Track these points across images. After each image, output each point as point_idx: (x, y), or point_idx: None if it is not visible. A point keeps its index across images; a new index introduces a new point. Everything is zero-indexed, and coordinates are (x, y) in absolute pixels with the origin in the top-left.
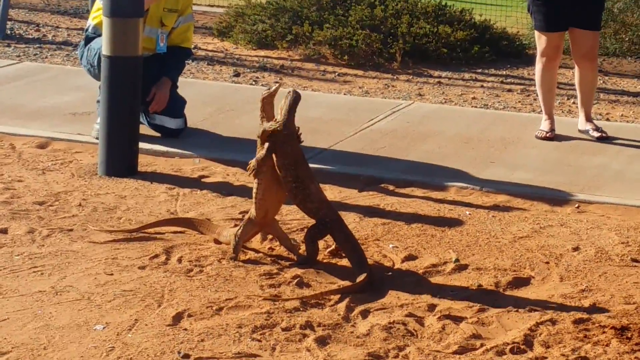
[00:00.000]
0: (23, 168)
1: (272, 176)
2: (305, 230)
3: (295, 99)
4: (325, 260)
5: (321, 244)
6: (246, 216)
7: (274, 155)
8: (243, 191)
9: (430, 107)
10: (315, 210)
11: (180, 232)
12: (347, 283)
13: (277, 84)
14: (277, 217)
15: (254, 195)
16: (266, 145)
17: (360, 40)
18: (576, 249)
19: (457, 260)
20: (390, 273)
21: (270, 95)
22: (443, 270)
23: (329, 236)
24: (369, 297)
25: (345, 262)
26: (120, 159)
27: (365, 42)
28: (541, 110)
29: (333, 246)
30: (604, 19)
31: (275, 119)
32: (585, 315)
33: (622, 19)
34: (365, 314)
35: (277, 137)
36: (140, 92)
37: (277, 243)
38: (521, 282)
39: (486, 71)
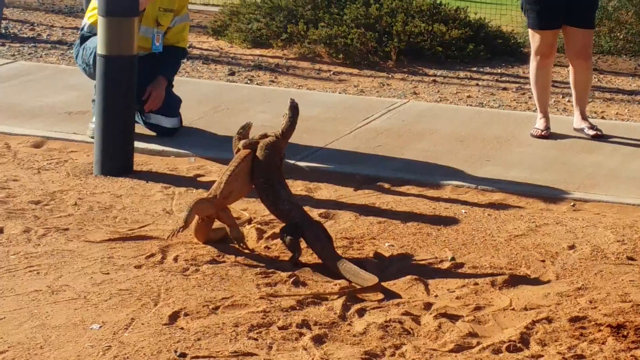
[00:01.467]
0: (18, 167)
1: (246, 170)
2: (280, 233)
3: (296, 115)
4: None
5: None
6: (206, 194)
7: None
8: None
9: (426, 105)
10: (286, 212)
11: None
12: (343, 282)
13: (249, 123)
14: None
15: (224, 176)
16: (261, 145)
17: (355, 38)
18: (572, 247)
19: (453, 258)
20: (385, 271)
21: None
22: (439, 269)
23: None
24: (365, 296)
25: None
26: (116, 158)
27: (360, 41)
28: (536, 109)
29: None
30: (599, 17)
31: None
32: (581, 314)
33: (617, 17)
34: (361, 312)
35: (286, 135)
36: (135, 91)
37: (274, 242)
38: (517, 280)
39: (481, 69)
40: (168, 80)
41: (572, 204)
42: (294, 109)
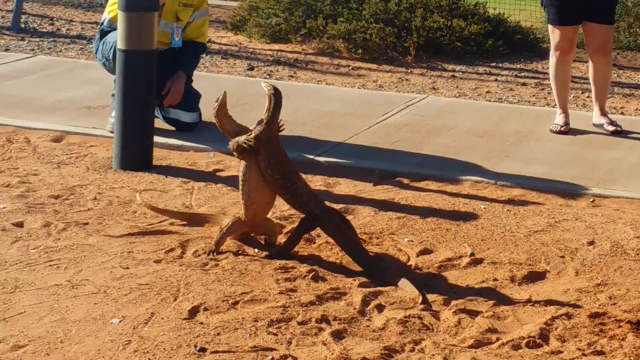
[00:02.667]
0: (38, 162)
1: (257, 178)
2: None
3: (279, 99)
4: (339, 254)
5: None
6: (237, 214)
7: (258, 157)
8: None
9: (445, 100)
10: (305, 203)
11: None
12: (362, 278)
13: (224, 92)
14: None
15: (241, 197)
16: (251, 140)
17: (374, 34)
18: (591, 243)
19: (472, 254)
20: (405, 267)
21: (221, 107)
22: (458, 265)
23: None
24: (385, 291)
25: None
26: (135, 153)
27: (379, 36)
28: (555, 104)
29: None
30: (618, 13)
31: (261, 122)
32: (601, 310)
33: (636, 12)
34: (380, 308)
35: (261, 139)
36: (155, 86)
37: None
38: (536, 276)
39: (500, 65)
40: (187, 75)
41: (591, 199)
42: (275, 95)
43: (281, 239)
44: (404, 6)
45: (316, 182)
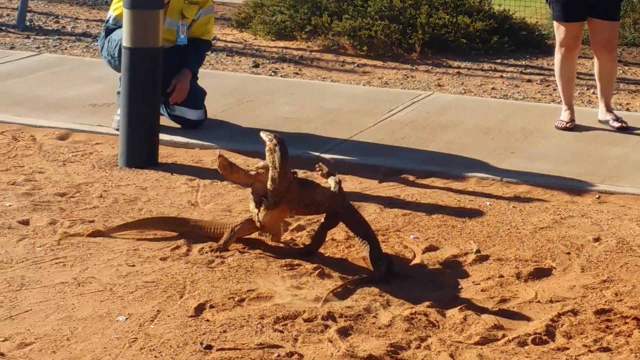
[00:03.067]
0: (44, 159)
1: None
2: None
3: (284, 148)
4: (344, 252)
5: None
6: (248, 215)
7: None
8: None
9: (450, 97)
10: (326, 208)
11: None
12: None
13: (218, 154)
14: None
15: (257, 217)
16: (272, 200)
17: (380, 30)
18: (597, 239)
19: (478, 251)
20: (411, 264)
21: (224, 168)
22: (464, 261)
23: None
24: (391, 288)
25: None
26: (141, 151)
27: (385, 33)
28: (561, 101)
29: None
30: (623, 9)
31: (272, 177)
32: (607, 306)
33: None
34: (386, 304)
35: (280, 193)
36: (160, 84)
37: (299, 234)
38: (542, 272)
39: (505, 61)
40: (193, 72)
41: (597, 196)
42: (280, 145)
43: (287, 236)
44: (409, 3)
45: (321, 179)
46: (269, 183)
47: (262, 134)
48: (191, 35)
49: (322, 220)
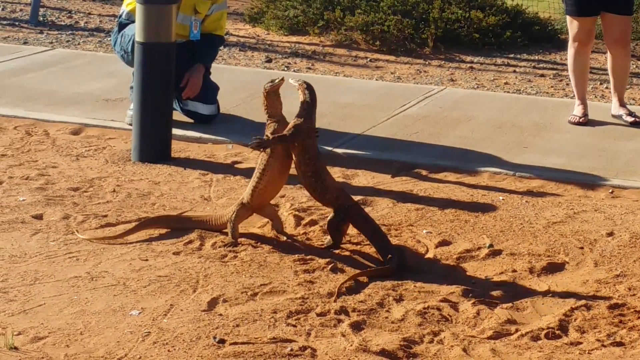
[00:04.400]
0: (57, 154)
1: (279, 172)
2: (327, 219)
3: (313, 93)
4: (357, 247)
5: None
6: (238, 201)
7: (293, 149)
8: None
9: (463, 92)
10: (334, 199)
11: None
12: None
13: (281, 78)
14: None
15: (254, 183)
16: (291, 130)
17: (392, 25)
18: (610, 234)
19: (491, 245)
20: (424, 258)
21: (275, 89)
22: (477, 256)
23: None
24: (404, 283)
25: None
26: (154, 145)
27: (397, 28)
28: (574, 95)
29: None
30: (637, 3)
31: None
32: (620, 301)
33: None
34: (399, 299)
35: (301, 130)
36: (173, 79)
37: (312, 229)
38: (555, 267)
39: (518, 56)
40: (206, 67)
41: (610, 190)
42: (308, 89)
43: (300, 230)
44: None
45: (335, 173)
46: (293, 122)
47: (291, 80)
48: (204, 30)
49: (330, 219)
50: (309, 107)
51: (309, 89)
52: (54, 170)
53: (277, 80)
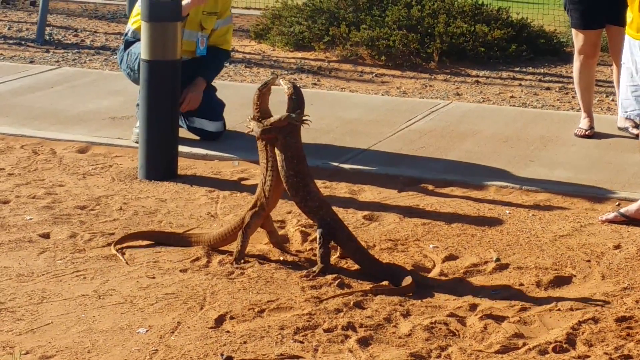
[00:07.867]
0: (64, 173)
1: (278, 175)
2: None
3: (299, 94)
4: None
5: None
6: (248, 212)
7: (276, 149)
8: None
9: (469, 106)
10: (316, 209)
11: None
12: (385, 284)
13: (274, 75)
14: None
15: (264, 189)
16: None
17: (398, 40)
18: (617, 247)
19: (497, 259)
20: (430, 273)
21: (269, 88)
22: (484, 270)
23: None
24: (410, 298)
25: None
26: (160, 163)
27: (403, 43)
28: (580, 108)
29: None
30: None
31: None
32: (627, 314)
33: None
34: (406, 314)
35: (284, 128)
36: (179, 96)
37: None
38: (563, 280)
39: (524, 70)
40: (207, 81)
41: (617, 203)
42: (296, 90)
43: (307, 246)
44: (427, 12)
45: (341, 189)
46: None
47: (281, 80)
48: (209, 43)
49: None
50: (294, 104)
51: (296, 91)
52: (61, 189)
53: (270, 80)
